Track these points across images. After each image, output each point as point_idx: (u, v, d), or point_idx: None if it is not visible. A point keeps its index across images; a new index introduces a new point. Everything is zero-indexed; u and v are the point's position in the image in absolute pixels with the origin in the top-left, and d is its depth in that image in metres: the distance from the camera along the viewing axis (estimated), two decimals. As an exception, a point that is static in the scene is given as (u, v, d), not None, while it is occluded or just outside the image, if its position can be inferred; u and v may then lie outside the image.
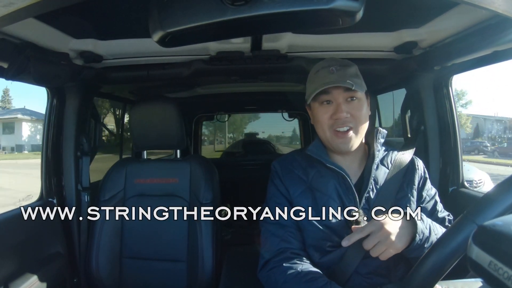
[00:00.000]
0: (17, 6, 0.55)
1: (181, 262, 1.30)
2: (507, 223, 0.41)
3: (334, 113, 0.86)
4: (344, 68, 0.87)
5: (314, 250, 0.87)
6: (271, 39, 1.19)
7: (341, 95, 0.86)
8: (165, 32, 0.62)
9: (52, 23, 1.00)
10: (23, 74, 1.04)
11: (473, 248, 0.41)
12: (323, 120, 0.87)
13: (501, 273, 0.38)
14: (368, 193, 0.87)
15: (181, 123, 1.38)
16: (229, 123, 5.13)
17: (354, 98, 0.87)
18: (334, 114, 0.86)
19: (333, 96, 0.86)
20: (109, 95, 2.19)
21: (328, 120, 0.87)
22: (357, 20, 0.61)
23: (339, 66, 0.87)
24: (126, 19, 1.03)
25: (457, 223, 0.52)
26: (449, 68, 1.22)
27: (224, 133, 5.59)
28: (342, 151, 0.88)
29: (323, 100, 0.87)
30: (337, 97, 0.86)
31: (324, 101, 0.87)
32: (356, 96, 0.87)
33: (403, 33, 1.14)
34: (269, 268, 0.86)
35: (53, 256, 1.26)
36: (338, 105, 0.85)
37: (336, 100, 0.86)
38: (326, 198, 0.87)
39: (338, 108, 0.85)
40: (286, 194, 0.92)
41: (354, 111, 0.86)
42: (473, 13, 0.90)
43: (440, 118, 1.31)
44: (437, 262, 0.51)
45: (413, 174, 0.92)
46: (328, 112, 0.87)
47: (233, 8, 0.57)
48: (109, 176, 1.37)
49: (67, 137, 1.39)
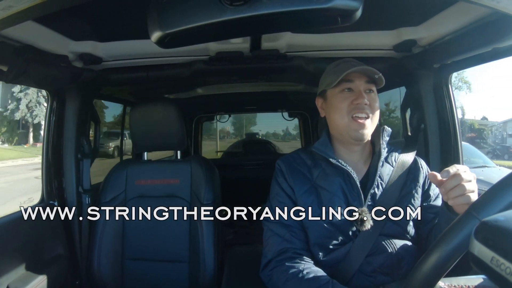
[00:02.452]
0: (16, 9, 0.55)
1: (183, 263, 1.30)
2: (509, 219, 0.41)
3: (356, 99, 0.88)
4: (363, 65, 0.91)
5: (318, 249, 0.87)
6: (270, 38, 1.19)
7: (363, 85, 0.89)
8: (164, 33, 0.62)
9: (51, 25, 1.00)
10: (23, 77, 1.04)
11: (475, 243, 0.41)
12: (343, 106, 0.89)
13: (503, 269, 0.38)
14: (374, 190, 0.88)
15: (181, 124, 1.38)
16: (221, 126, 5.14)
17: (372, 91, 0.91)
18: (356, 100, 0.88)
19: (355, 84, 0.89)
20: (109, 97, 2.19)
21: (348, 106, 0.89)
22: (356, 19, 0.61)
23: (358, 63, 0.91)
24: (125, 20, 1.03)
25: (460, 219, 0.52)
26: (449, 66, 1.22)
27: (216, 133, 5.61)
28: (357, 139, 0.89)
29: (345, 88, 0.90)
30: (359, 85, 0.89)
31: (345, 89, 0.90)
32: (373, 90, 0.91)
33: (402, 31, 1.14)
34: (271, 268, 0.86)
35: (54, 258, 1.26)
36: (360, 92, 0.89)
37: (357, 88, 0.89)
38: (331, 196, 0.87)
39: (360, 94, 0.88)
40: (290, 192, 0.92)
41: (371, 102, 0.89)
42: (473, 11, 0.90)
43: (440, 116, 1.31)
44: (440, 259, 0.51)
45: (417, 173, 0.93)
46: (349, 99, 0.89)
47: (232, 8, 0.57)
48: (109, 178, 1.37)
49: (67, 139, 1.39)
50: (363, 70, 0.88)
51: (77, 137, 1.41)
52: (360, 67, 0.87)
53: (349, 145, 0.92)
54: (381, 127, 0.94)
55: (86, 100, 1.47)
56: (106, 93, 2.02)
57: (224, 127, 5.79)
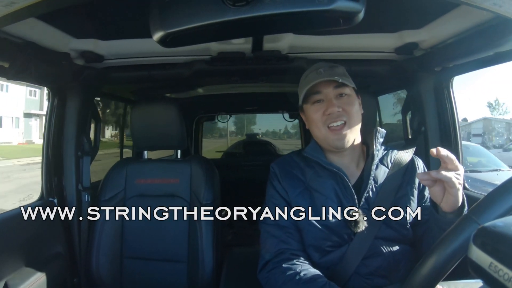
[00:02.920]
0: (18, 6, 0.55)
1: (181, 263, 1.30)
2: (508, 224, 0.41)
3: (326, 109, 0.88)
4: (331, 68, 0.91)
5: (313, 250, 0.87)
6: (272, 39, 1.19)
7: (331, 92, 0.89)
8: (166, 33, 0.62)
9: (53, 22, 1.00)
10: (24, 74, 1.04)
11: (473, 249, 0.41)
12: (317, 118, 0.89)
13: (501, 275, 0.37)
14: (368, 193, 0.87)
15: (182, 123, 1.38)
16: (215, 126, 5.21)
17: (344, 94, 0.90)
18: (326, 110, 0.88)
19: (324, 94, 0.89)
20: (110, 95, 2.19)
21: (321, 117, 0.89)
22: (358, 21, 0.61)
23: (327, 67, 0.91)
24: (127, 19, 1.03)
25: (459, 223, 0.51)
26: (450, 69, 1.22)
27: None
28: (338, 148, 0.89)
29: (315, 100, 0.90)
30: (327, 94, 0.89)
31: (315, 101, 0.90)
32: (345, 93, 0.90)
33: (404, 34, 1.14)
34: (268, 269, 0.86)
35: (53, 256, 1.26)
36: (329, 100, 0.88)
37: (327, 97, 0.89)
38: (324, 198, 0.87)
39: (330, 103, 0.88)
40: (284, 195, 0.92)
41: (345, 106, 0.88)
42: (474, 14, 0.90)
43: (441, 119, 1.31)
44: (439, 262, 0.50)
45: (413, 174, 0.92)
46: (321, 110, 0.89)
47: (234, 9, 0.57)
48: (109, 176, 1.37)
49: (68, 136, 1.39)
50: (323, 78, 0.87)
51: (78, 135, 1.41)
52: (319, 80, 0.87)
53: (335, 152, 0.92)
54: (375, 128, 0.94)
55: (87, 98, 1.47)
56: (107, 92, 2.02)
57: (231, 127, 5.95)
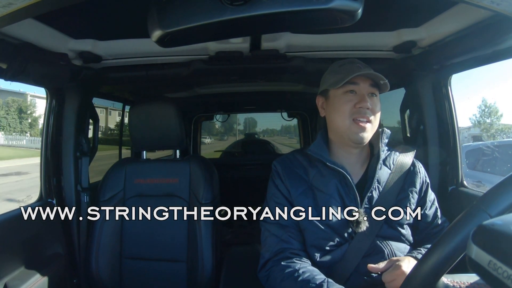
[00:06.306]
0: (16, 7, 0.55)
1: (181, 262, 1.30)
2: (507, 222, 0.41)
3: (359, 102, 0.87)
4: (368, 67, 0.91)
5: (315, 250, 0.87)
6: (270, 38, 1.19)
7: (366, 88, 0.89)
8: (164, 32, 0.62)
9: (51, 23, 0.99)
10: (22, 74, 1.04)
11: (472, 247, 0.41)
12: (346, 108, 0.88)
13: (500, 273, 0.38)
14: (371, 193, 0.88)
15: (180, 123, 1.37)
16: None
17: (375, 95, 0.90)
18: (359, 103, 0.87)
19: (359, 87, 0.89)
20: (109, 96, 2.19)
21: (351, 108, 0.88)
22: (356, 20, 0.61)
23: (363, 65, 0.91)
24: (125, 19, 1.03)
25: (468, 212, 0.49)
26: (448, 68, 1.22)
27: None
28: (357, 142, 0.88)
29: (349, 90, 0.89)
30: (363, 89, 0.89)
31: (349, 91, 0.89)
32: (376, 94, 0.90)
33: (402, 32, 1.14)
34: (268, 268, 0.86)
35: (53, 256, 1.26)
36: (363, 95, 0.88)
37: (361, 91, 0.88)
38: (327, 197, 0.87)
39: (363, 98, 0.87)
40: (286, 194, 0.92)
41: (373, 106, 0.88)
42: (473, 12, 0.90)
43: (439, 117, 1.31)
44: (446, 253, 0.48)
45: (415, 177, 0.93)
46: (352, 101, 0.88)
47: (232, 8, 0.57)
48: (108, 176, 1.37)
49: (66, 137, 1.39)
50: (370, 75, 0.87)
51: (76, 135, 1.40)
52: (367, 72, 0.86)
53: (347, 147, 0.92)
54: (380, 129, 0.94)
55: (85, 98, 1.46)
56: (105, 92, 2.01)
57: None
